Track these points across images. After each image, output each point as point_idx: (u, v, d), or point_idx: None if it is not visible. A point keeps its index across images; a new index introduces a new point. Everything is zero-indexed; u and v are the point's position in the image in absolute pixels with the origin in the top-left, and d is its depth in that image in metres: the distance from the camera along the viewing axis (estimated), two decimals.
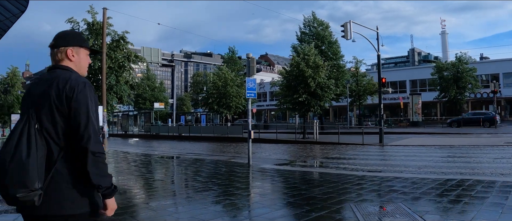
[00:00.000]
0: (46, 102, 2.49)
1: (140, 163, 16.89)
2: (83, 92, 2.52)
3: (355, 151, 22.30)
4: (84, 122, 2.47)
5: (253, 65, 15.72)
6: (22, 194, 2.28)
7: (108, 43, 23.95)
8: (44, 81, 2.59)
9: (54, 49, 2.70)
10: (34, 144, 2.36)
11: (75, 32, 2.89)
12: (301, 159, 18.71)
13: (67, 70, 2.65)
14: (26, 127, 2.41)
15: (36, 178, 2.30)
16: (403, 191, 9.02)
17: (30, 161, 2.30)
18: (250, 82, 15.73)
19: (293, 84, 31.69)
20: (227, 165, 15.73)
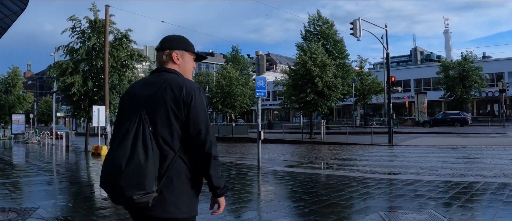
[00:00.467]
0: (160, 106, 2.51)
1: None
2: (200, 98, 2.55)
3: (365, 151, 21.68)
4: (205, 128, 2.53)
5: (263, 63, 15.08)
6: (139, 196, 2.31)
7: (111, 42, 23.31)
8: (152, 83, 2.61)
9: (160, 52, 2.75)
10: (150, 146, 2.38)
11: (181, 36, 2.89)
12: (311, 161, 18.05)
13: (174, 73, 2.67)
14: (140, 129, 2.41)
15: (154, 181, 2.34)
16: (430, 195, 8.44)
17: (148, 164, 2.33)
18: (260, 81, 15.10)
19: (299, 83, 31.02)
20: (236, 167, 15.08)
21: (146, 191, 2.32)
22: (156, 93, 2.54)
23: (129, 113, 2.56)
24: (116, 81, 23.43)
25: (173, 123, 2.50)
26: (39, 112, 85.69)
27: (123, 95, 2.74)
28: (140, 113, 2.49)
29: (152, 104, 2.53)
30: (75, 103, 23.62)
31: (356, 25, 25.37)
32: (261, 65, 15.07)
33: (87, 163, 18.05)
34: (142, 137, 2.39)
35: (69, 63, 22.56)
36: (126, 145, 2.36)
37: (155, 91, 2.55)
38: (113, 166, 2.36)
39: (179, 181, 2.50)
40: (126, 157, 2.33)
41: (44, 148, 28.68)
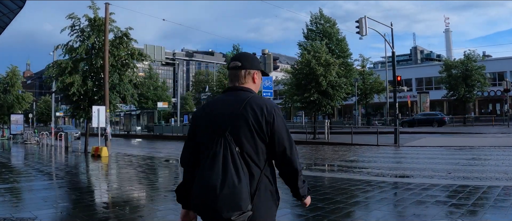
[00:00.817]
0: (244, 126, 2.53)
1: (148, 169, 15.69)
2: (280, 116, 2.60)
3: (372, 152, 21.20)
4: (289, 145, 2.59)
5: (270, 61, 14.60)
6: (236, 216, 2.36)
7: (111, 40, 22.75)
8: (229, 102, 2.63)
9: (240, 70, 2.76)
10: (240, 167, 2.43)
11: (253, 55, 3.04)
12: (319, 162, 17.55)
13: (250, 92, 2.72)
14: (227, 151, 2.45)
15: (248, 200, 2.40)
16: (451, 202, 7.99)
17: (242, 185, 2.38)
18: (267, 81, 14.62)
19: (303, 82, 30.44)
20: None
21: (242, 211, 2.37)
22: (237, 113, 2.56)
23: (211, 133, 2.57)
24: (116, 80, 22.84)
25: (257, 141, 2.54)
26: (38, 112, 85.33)
27: (198, 114, 2.75)
28: (224, 134, 2.51)
29: (235, 124, 2.54)
30: (74, 103, 23.04)
31: (362, 23, 24.88)
32: (267, 64, 14.58)
33: (87, 165, 17.47)
34: (231, 159, 2.43)
35: (68, 63, 22.00)
36: (217, 167, 2.41)
37: (236, 111, 2.56)
38: (207, 189, 2.40)
39: (265, 197, 2.56)
40: (219, 179, 2.38)
41: (43, 149, 28.15)
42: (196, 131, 2.71)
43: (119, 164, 17.36)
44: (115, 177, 13.13)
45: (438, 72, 57.02)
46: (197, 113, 2.77)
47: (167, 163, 18.16)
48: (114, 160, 18.90)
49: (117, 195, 9.90)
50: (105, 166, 16.80)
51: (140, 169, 15.33)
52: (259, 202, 2.51)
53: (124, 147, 31.41)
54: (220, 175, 2.39)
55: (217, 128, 2.55)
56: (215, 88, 44.72)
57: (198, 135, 2.68)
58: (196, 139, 2.69)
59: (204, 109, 2.73)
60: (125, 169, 15.25)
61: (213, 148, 2.48)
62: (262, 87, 14.61)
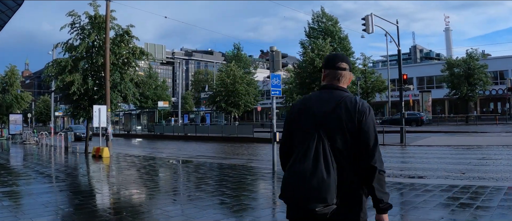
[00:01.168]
0: (337, 123, 2.64)
1: (151, 170, 15.20)
2: (370, 116, 2.70)
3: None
4: (373, 143, 2.65)
5: (278, 59, 14.05)
6: (320, 208, 2.46)
7: (112, 38, 22.21)
8: (327, 100, 2.75)
9: (345, 71, 2.87)
10: (330, 162, 2.52)
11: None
12: None
13: (345, 91, 2.82)
14: (320, 146, 2.55)
15: (334, 194, 2.48)
16: (476, 204, 7.61)
17: (330, 179, 2.48)
18: (275, 79, 14.08)
19: (307, 81, 29.99)
20: (249, 171, 14.06)
21: (327, 203, 2.46)
22: (333, 111, 2.67)
23: (307, 128, 2.69)
24: (117, 79, 22.27)
25: (348, 138, 2.63)
26: (37, 112, 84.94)
27: (296, 109, 2.85)
28: (319, 130, 2.62)
29: (330, 121, 2.65)
30: (74, 102, 22.48)
31: (368, 21, 24.39)
32: (276, 61, 14.06)
33: (88, 167, 16.94)
34: (322, 153, 2.53)
35: (68, 61, 21.45)
36: (309, 160, 2.51)
37: (332, 108, 2.68)
38: (297, 180, 2.51)
39: (351, 192, 2.63)
40: (309, 172, 2.48)
41: (42, 150, 27.64)
42: (292, 125, 2.85)
43: (121, 165, 16.85)
44: (119, 179, 12.62)
45: (440, 71, 56.69)
46: (294, 108, 2.90)
47: (170, 163, 17.63)
48: (116, 161, 18.40)
49: (122, 199, 9.41)
50: (107, 167, 16.30)
51: (144, 170, 14.84)
52: (344, 197, 2.59)
53: (124, 147, 30.91)
54: (311, 168, 2.50)
55: (313, 123, 2.70)
56: (217, 87, 44.00)
57: (295, 130, 2.81)
58: (293, 134, 2.82)
59: (301, 105, 2.85)
60: (128, 171, 14.74)
61: (307, 142, 2.61)
62: (270, 85, 14.07)
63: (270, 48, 14.35)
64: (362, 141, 2.62)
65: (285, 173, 2.67)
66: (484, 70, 51.94)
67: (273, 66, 14.23)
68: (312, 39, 44.18)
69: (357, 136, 2.62)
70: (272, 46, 14.30)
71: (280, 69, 14.42)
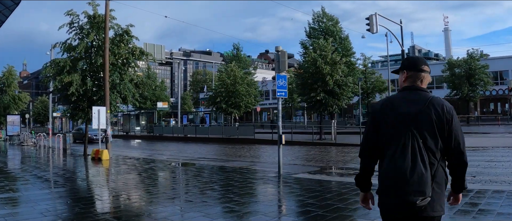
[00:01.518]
0: (427, 122, 2.90)
1: (153, 173, 14.73)
2: (456, 115, 3.00)
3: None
4: (462, 141, 2.98)
5: (284, 59, 13.59)
6: (420, 201, 2.76)
7: (111, 38, 21.73)
8: (414, 101, 2.98)
9: (427, 74, 3.13)
10: (426, 158, 2.81)
11: None
12: (333, 165, 16.65)
13: (429, 92, 3.07)
14: (415, 143, 2.82)
15: (430, 187, 2.78)
16: (499, 211, 7.27)
17: (427, 174, 2.77)
18: (281, 80, 13.63)
19: (309, 82, 29.49)
20: (255, 175, 13.59)
21: (425, 196, 2.77)
22: (422, 111, 2.92)
23: (398, 127, 2.92)
24: (117, 80, 21.77)
25: (437, 135, 2.91)
26: (35, 112, 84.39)
27: (381, 109, 3.07)
28: (411, 128, 2.88)
29: (421, 120, 2.90)
30: (73, 103, 22.00)
31: (372, 21, 24.03)
32: (281, 62, 13.60)
33: (87, 170, 16.45)
34: (418, 150, 2.82)
35: (67, 61, 20.95)
36: (407, 157, 2.80)
37: (421, 108, 2.93)
38: (399, 175, 2.78)
39: (440, 185, 2.92)
40: (409, 168, 2.77)
41: (40, 151, 27.16)
42: (380, 124, 3.04)
43: (121, 168, 16.34)
44: (120, 184, 12.14)
45: (441, 71, 56.35)
46: (379, 108, 3.10)
47: (172, 166, 17.15)
48: (116, 164, 17.91)
49: (124, 206, 8.93)
50: (107, 171, 15.82)
51: (145, 174, 14.36)
52: (436, 189, 2.88)
53: (124, 148, 30.42)
54: (410, 164, 2.76)
55: (404, 122, 2.91)
56: (217, 88, 43.25)
57: (383, 128, 3.01)
58: (380, 132, 3.03)
59: (387, 104, 3.07)
60: (129, 174, 14.26)
61: (402, 140, 2.86)
62: (276, 86, 13.60)
63: (276, 48, 13.90)
64: (454, 139, 2.93)
65: (385, 169, 2.90)
66: (485, 71, 51.59)
67: (278, 66, 13.79)
68: (314, 39, 43.75)
69: (444, 134, 2.92)
70: (277, 46, 13.85)
71: (286, 70, 13.98)
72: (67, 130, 70.33)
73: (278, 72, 13.68)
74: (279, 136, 13.70)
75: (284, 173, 13.28)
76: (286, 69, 14.03)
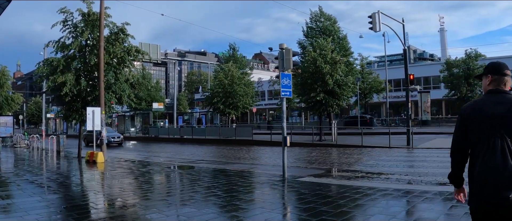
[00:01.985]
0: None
1: (151, 178, 14.04)
2: None
3: (389, 155, 19.87)
4: None
5: (289, 57, 12.94)
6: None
7: (106, 36, 21.03)
8: (499, 103, 3.19)
9: (507, 77, 3.31)
10: None
11: None
12: (338, 168, 16.02)
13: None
14: (504, 143, 3.02)
15: None
16: None
17: None
18: (285, 79, 12.97)
19: (309, 82, 28.84)
20: (259, 178, 12.96)
21: None
22: (507, 112, 3.13)
23: (486, 127, 3.16)
24: (112, 80, 21.07)
25: None
26: (29, 113, 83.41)
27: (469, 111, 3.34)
28: (499, 129, 3.08)
29: (507, 121, 3.10)
30: (67, 104, 21.27)
31: (375, 19, 23.42)
32: (286, 60, 12.94)
33: (82, 174, 15.73)
34: (507, 149, 3.01)
35: (60, 60, 20.23)
36: (497, 154, 3.00)
37: (506, 110, 3.14)
38: (491, 171, 3.00)
39: None
40: (500, 165, 2.97)
41: (33, 154, 26.42)
42: (468, 126, 3.29)
43: (117, 172, 15.62)
44: (117, 191, 11.44)
45: (438, 71, 56.00)
46: (467, 111, 3.34)
47: (171, 169, 16.48)
48: (111, 167, 17.21)
49: (123, 216, 8.25)
50: (103, 175, 15.09)
51: (142, 178, 13.68)
52: None
53: (119, 150, 29.66)
54: (501, 161, 2.99)
55: (492, 123, 3.13)
56: (214, 88, 42.27)
57: (471, 129, 3.26)
58: (468, 133, 3.28)
59: (474, 107, 3.32)
60: (125, 179, 13.56)
61: (491, 140, 3.08)
62: (281, 85, 12.95)
63: (280, 45, 13.26)
64: None
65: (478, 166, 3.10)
66: None
67: (283, 65, 13.14)
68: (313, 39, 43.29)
69: None
70: (281, 44, 13.22)
71: (290, 68, 13.35)
72: (61, 131, 69.39)
73: (282, 70, 13.04)
74: (283, 138, 13.08)
75: (288, 176, 12.65)
76: (291, 68, 13.39)
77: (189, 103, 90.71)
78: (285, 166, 12.89)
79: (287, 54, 13.02)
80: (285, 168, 12.84)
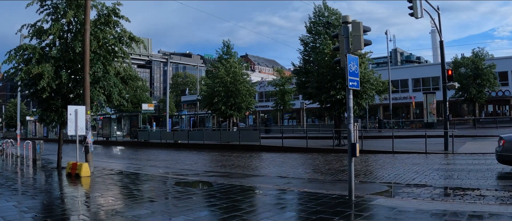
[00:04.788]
0: None
1: (156, 200, 10.14)
2: None
3: (434, 162, 16.96)
4: None
5: (358, 33, 9.21)
6: None
7: (93, 20, 17.07)
8: None
9: None
10: None
11: None
12: (395, 181, 12.43)
13: None
14: None
15: None
16: None
17: None
18: (352, 63, 9.28)
19: (328, 78, 25.03)
20: (318, 201, 9.12)
21: None
22: None
23: None
24: (100, 72, 17.04)
25: None
26: (7, 116, 78.86)
27: None
28: None
29: None
30: (44, 102, 17.17)
31: (416, 5, 19.94)
32: (355, 37, 9.23)
33: (62, 195, 11.68)
34: None
35: (36, 48, 16.24)
36: None
37: None
38: None
39: None
40: None
41: (6, 163, 22.34)
42: None
43: (109, 192, 11.59)
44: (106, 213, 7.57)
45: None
46: None
47: (180, 187, 12.57)
48: (101, 183, 13.22)
49: None
50: (90, 196, 11.08)
51: (145, 200, 9.82)
52: None
53: (106, 158, 25.60)
54: None
55: None
56: (214, 86, 37.15)
57: None
58: None
59: None
60: (120, 202, 9.68)
61: None
62: (347, 73, 9.16)
63: (344, 18, 9.57)
64: None
65: None
66: (492, 70, 48.49)
67: (348, 44, 9.42)
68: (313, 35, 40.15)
69: None
70: (345, 15, 9.51)
71: (361, 49, 9.61)
72: (42, 135, 64.52)
73: (349, 52, 9.29)
74: (351, 145, 9.31)
75: (356, 200, 9.00)
76: (362, 48, 9.63)
77: (176, 106, 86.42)
78: (353, 185, 9.23)
79: (355, 29, 9.28)
80: (352, 186, 9.19)
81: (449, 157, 18.91)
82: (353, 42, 9.23)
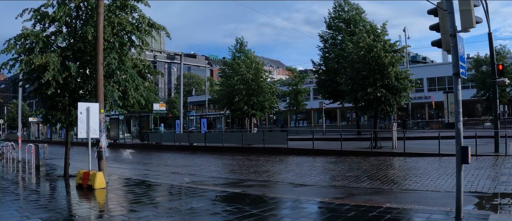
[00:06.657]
0: None
1: None
2: None
3: (496, 166, 15.01)
4: None
5: (470, 8, 6.83)
6: None
7: (107, 4, 14.54)
8: None
9: None
10: None
11: None
12: (480, 190, 10.08)
13: None
14: None
15: None
16: None
17: None
18: (461, 45, 6.89)
19: (364, 73, 22.47)
20: None
21: None
22: None
23: None
24: (114, 64, 14.49)
25: None
26: (10, 117, 77.20)
27: None
28: None
29: None
30: (49, 99, 14.53)
31: None
32: (465, 13, 6.86)
33: (73, 213, 9.22)
34: None
35: (39, 35, 13.73)
36: None
37: None
38: None
39: None
40: None
41: (6, 169, 19.91)
42: None
43: (136, 210, 9.07)
44: None
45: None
46: None
47: (230, 205, 10.02)
48: (122, 197, 10.70)
49: None
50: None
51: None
52: None
53: (117, 163, 23.04)
54: None
55: None
56: (237, 84, 34.07)
57: None
58: None
59: None
60: None
61: None
62: (454, 57, 6.87)
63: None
64: None
65: None
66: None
67: (453, 22, 6.98)
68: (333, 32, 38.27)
69: None
70: None
71: (473, 27, 7.14)
72: (45, 137, 61.85)
73: (457, 30, 6.87)
74: (461, 149, 6.92)
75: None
76: (474, 26, 7.16)
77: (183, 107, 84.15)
78: (462, 197, 6.85)
79: (464, 4, 6.86)
80: (461, 200, 6.83)
81: (496, 160, 16.94)
82: (463, 18, 6.84)
